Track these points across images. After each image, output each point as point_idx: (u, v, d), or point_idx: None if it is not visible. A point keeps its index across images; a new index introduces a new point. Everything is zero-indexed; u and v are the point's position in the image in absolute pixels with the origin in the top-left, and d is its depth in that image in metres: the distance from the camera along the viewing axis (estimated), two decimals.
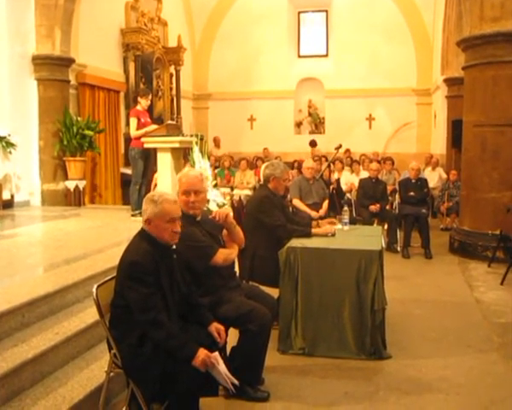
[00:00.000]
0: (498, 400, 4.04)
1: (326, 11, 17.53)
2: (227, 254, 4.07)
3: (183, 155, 8.71)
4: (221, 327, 3.56)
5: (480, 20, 8.35)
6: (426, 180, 10.12)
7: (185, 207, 3.91)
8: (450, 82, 13.44)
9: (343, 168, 12.69)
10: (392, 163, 12.57)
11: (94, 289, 3.24)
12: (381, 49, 16.49)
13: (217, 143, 16.11)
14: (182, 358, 3.13)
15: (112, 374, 3.40)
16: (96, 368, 3.91)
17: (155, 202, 3.31)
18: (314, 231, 5.38)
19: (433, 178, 12.39)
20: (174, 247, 3.44)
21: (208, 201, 6.90)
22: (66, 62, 10.22)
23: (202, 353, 3.14)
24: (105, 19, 11.99)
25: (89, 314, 4.33)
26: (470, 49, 8.70)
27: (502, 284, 7.18)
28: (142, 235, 3.36)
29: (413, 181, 9.76)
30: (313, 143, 15.83)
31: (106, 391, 3.44)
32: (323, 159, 13.21)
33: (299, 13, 17.78)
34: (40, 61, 9.93)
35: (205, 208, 4.37)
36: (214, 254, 3.95)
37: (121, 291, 3.22)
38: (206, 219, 4.11)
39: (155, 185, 8.78)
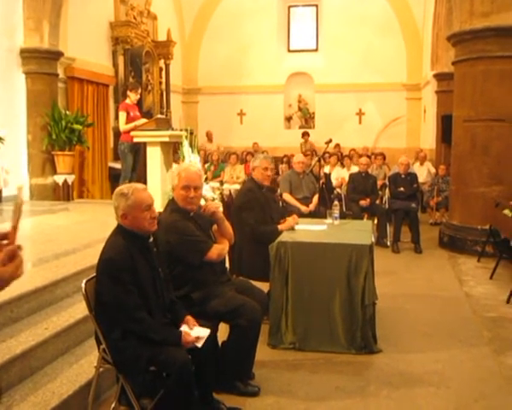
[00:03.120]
0: (488, 393, 4.05)
1: (316, 5, 17.50)
2: (221, 250, 4.05)
3: (173, 150, 8.67)
4: (192, 321, 3.53)
5: (470, 15, 8.36)
6: (415, 175, 10.14)
7: (183, 202, 3.89)
8: (439, 77, 13.47)
9: (336, 163, 12.69)
10: (384, 158, 12.59)
11: (83, 284, 3.22)
12: (371, 44, 16.49)
13: (209, 137, 16.05)
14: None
15: (101, 369, 3.38)
16: (86, 363, 3.89)
17: (126, 194, 3.28)
18: (280, 227, 5.38)
19: (423, 172, 12.41)
20: (151, 239, 3.41)
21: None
22: (54, 56, 10.12)
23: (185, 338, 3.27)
24: (94, 12, 11.90)
25: (78, 309, 4.31)
26: (460, 44, 8.71)
27: (491, 278, 7.21)
28: (118, 231, 3.33)
29: (403, 176, 9.78)
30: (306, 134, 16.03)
31: (95, 386, 3.42)
32: (314, 153, 13.22)
33: (289, 7, 17.74)
34: (28, 55, 9.83)
35: None
36: (209, 249, 3.93)
37: (99, 289, 3.21)
38: (198, 213, 4.09)
39: None
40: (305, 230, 5.43)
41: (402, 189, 9.64)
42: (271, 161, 5.76)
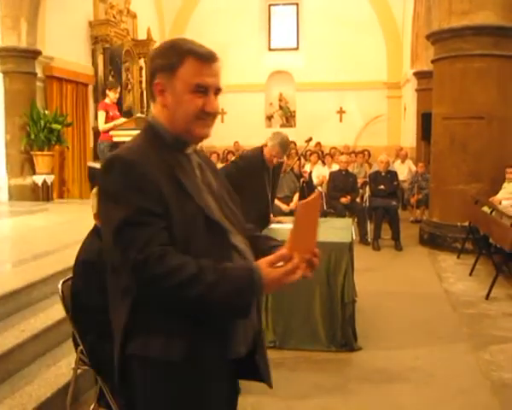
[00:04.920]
0: (467, 389, 4.09)
1: (297, 4, 17.54)
2: None
3: None
4: None
5: (448, 13, 8.42)
6: (396, 173, 10.19)
7: None
8: (419, 75, 13.57)
9: (317, 161, 12.71)
10: (369, 155, 12.64)
11: (59, 286, 3.19)
12: (352, 42, 16.54)
13: None
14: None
15: (79, 371, 3.35)
16: (64, 365, 3.85)
17: None
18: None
19: (403, 170, 12.49)
20: None
21: None
22: (32, 55, 10.02)
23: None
24: (73, 10, 11.78)
25: (56, 311, 4.25)
26: (439, 43, 8.78)
27: (470, 274, 7.27)
28: (94, 232, 3.30)
29: (383, 174, 9.82)
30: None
31: (73, 388, 3.38)
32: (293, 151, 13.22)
33: (269, 5, 17.75)
34: (6, 54, 9.74)
35: None
36: None
37: (75, 291, 3.17)
38: None
39: None
40: (284, 228, 5.42)
41: (382, 187, 9.68)
42: (284, 149, 5.47)
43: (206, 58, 1.83)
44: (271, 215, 5.69)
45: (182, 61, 1.79)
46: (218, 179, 1.99)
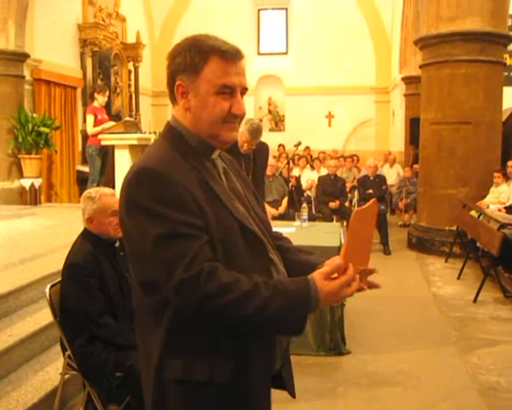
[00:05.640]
0: (455, 392, 4.10)
1: (286, 9, 17.57)
2: None
3: (141, 152, 8.61)
4: None
5: (436, 19, 8.48)
6: (384, 177, 10.24)
7: None
8: (407, 80, 13.65)
9: (306, 166, 12.73)
10: (358, 160, 12.66)
11: (47, 290, 3.17)
12: (341, 47, 16.62)
13: None
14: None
15: (67, 376, 3.34)
16: (52, 370, 3.83)
17: (93, 198, 3.24)
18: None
19: (392, 175, 12.56)
20: (118, 244, 3.37)
21: None
22: (20, 57, 9.94)
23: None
24: (61, 13, 11.74)
25: (43, 315, 4.24)
26: (427, 48, 8.83)
27: (458, 278, 7.31)
28: (84, 235, 3.29)
29: (371, 178, 9.86)
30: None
31: (61, 394, 3.36)
32: (283, 156, 13.26)
33: (258, 10, 17.77)
34: None
35: None
36: None
37: (64, 294, 3.16)
38: None
39: None
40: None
41: (371, 191, 9.71)
42: (252, 135, 5.08)
43: (232, 56, 1.68)
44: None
45: (206, 61, 1.64)
46: (244, 184, 1.85)
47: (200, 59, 1.64)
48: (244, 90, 1.72)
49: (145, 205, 1.53)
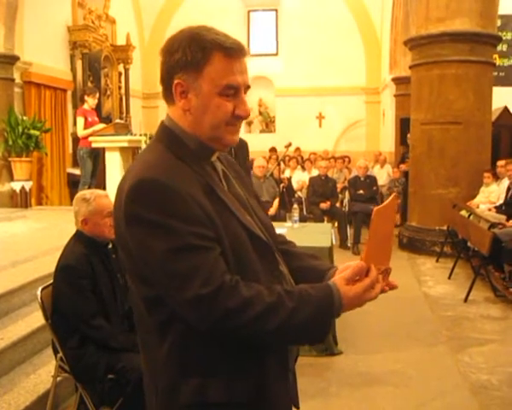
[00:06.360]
0: (446, 390, 4.13)
1: (276, 10, 17.59)
2: None
3: (132, 155, 8.59)
4: None
5: (425, 20, 8.53)
6: (375, 178, 10.28)
7: None
8: (397, 81, 13.68)
9: (296, 167, 12.75)
10: (349, 161, 12.68)
11: (38, 292, 3.17)
12: (331, 48, 16.65)
13: None
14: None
15: (59, 378, 3.33)
16: (44, 373, 3.82)
17: (88, 200, 3.24)
18: None
19: (382, 175, 12.59)
20: (110, 246, 3.37)
21: None
22: (10, 60, 9.91)
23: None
24: (51, 15, 11.70)
25: (35, 318, 4.22)
26: (417, 49, 8.87)
27: (449, 278, 7.35)
28: (76, 237, 3.29)
29: (362, 179, 9.90)
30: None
31: (53, 396, 3.36)
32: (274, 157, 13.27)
33: (248, 12, 17.77)
34: None
35: None
36: None
37: (56, 296, 3.16)
38: None
39: None
40: None
41: (361, 191, 9.76)
42: None
43: (236, 53, 1.53)
44: None
45: (208, 58, 1.50)
46: (244, 186, 1.73)
47: (202, 56, 1.49)
48: (247, 89, 1.61)
49: (150, 219, 1.40)
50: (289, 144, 8.38)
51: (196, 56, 1.49)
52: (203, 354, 1.48)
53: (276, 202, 8.24)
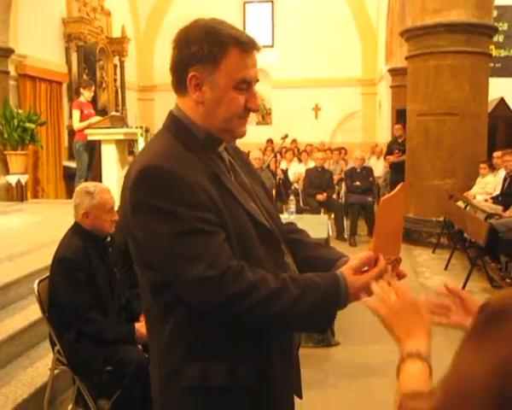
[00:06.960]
0: None
1: (272, 2, 17.54)
2: None
3: (128, 147, 8.58)
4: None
5: (422, 10, 8.50)
6: (371, 169, 10.28)
7: None
8: (394, 72, 13.65)
9: (293, 158, 12.75)
10: (345, 153, 12.68)
11: (35, 285, 3.17)
12: (327, 39, 16.61)
13: None
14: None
15: (56, 371, 3.33)
16: (41, 366, 3.82)
17: (91, 193, 3.23)
18: None
19: (378, 166, 12.59)
20: (108, 239, 3.37)
21: None
22: (4, 53, 9.85)
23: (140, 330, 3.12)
24: (45, 8, 11.63)
25: (32, 311, 4.22)
26: (413, 40, 8.85)
27: (446, 269, 7.36)
28: (74, 230, 3.28)
29: (358, 170, 9.90)
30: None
31: (50, 389, 3.36)
32: (270, 149, 13.27)
33: (244, 3, 17.72)
34: None
35: None
36: None
37: (53, 289, 3.16)
38: None
39: None
40: None
41: (358, 183, 9.76)
42: None
43: (250, 48, 1.58)
44: None
45: (225, 52, 1.53)
46: (250, 175, 1.75)
47: (219, 50, 1.52)
48: (256, 82, 1.65)
49: (156, 205, 1.43)
50: (286, 136, 8.36)
51: (213, 50, 1.52)
52: (206, 338, 1.50)
53: (272, 194, 8.24)
